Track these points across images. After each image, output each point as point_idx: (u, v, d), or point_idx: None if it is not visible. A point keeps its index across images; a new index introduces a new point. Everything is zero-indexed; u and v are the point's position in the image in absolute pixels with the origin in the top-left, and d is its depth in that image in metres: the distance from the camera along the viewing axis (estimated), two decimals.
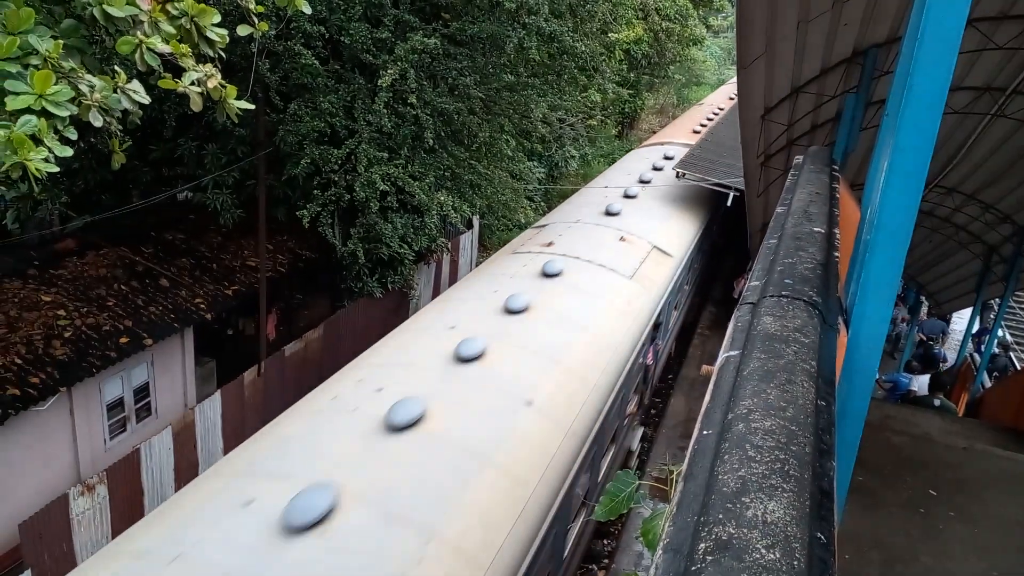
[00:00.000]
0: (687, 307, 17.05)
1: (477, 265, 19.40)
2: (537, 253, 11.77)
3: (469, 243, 20.84)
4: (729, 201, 16.01)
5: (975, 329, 17.55)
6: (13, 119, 4.06)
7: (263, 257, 12.91)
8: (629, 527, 11.51)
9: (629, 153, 23.34)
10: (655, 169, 17.88)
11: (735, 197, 15.78)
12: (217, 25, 5.05)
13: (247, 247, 14.19)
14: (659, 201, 15.75)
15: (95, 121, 4.58)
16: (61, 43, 4.37)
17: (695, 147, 18.82)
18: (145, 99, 4.87)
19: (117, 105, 4.62)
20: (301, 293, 16.25)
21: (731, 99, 26.56)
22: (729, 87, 31.87)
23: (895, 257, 2.90)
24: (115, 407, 11.19)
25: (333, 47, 13.34)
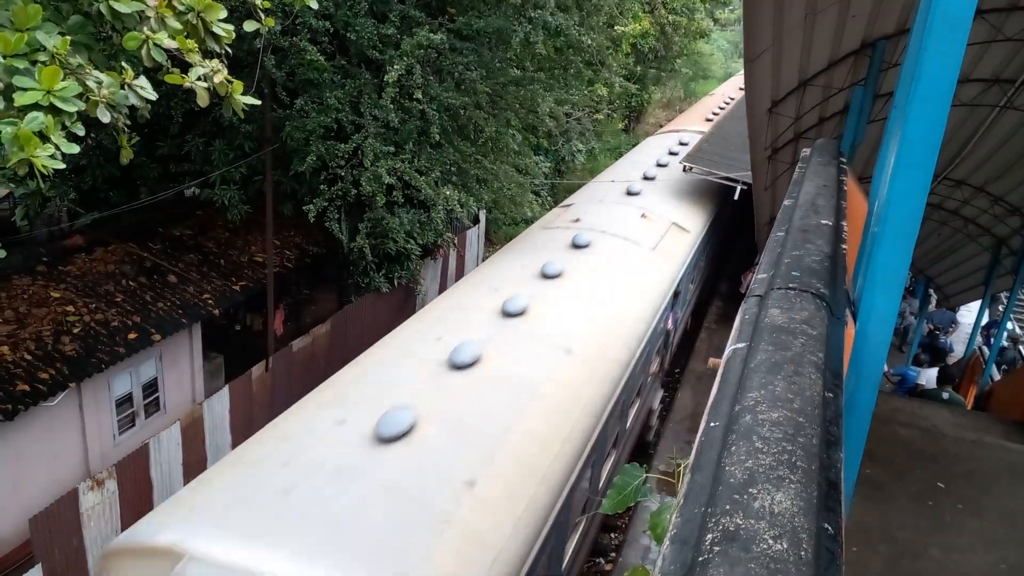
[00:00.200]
0: (701, 283, 17.85)
1: (484, 260, 19.43)
2: (566, 228, 12.78)
3: (475, 238, 20.84)
4: (736, 195, 16.01)
5: (984, 322, 17.46)
6: (21, 115, 4.07)
7: (270, 253, 12.95)
8: (636, 521, 11.52)
9: (646, 139, 24.56)
10: (671, 154, 18.87)
11: (742, 191, 15.75)
12: (223, 21, 5.06)
13: (254, 243, 14.23)
14: (676, 183, 16.56)
15: (103, 117, 4.59)
16: (68, 39, 4.38)
17: (702, 141, 18.94)
18: (152, 95, 4.88)
19: (124, 101, 4.64)
20: (308, 288, 16.30)
21: (741, 89, 26.81)
22: (738, 79, 31.90)
23: (903, 250, 2.89)
24: (124, 402, 11.26)
25: (339, 43, 13.33)
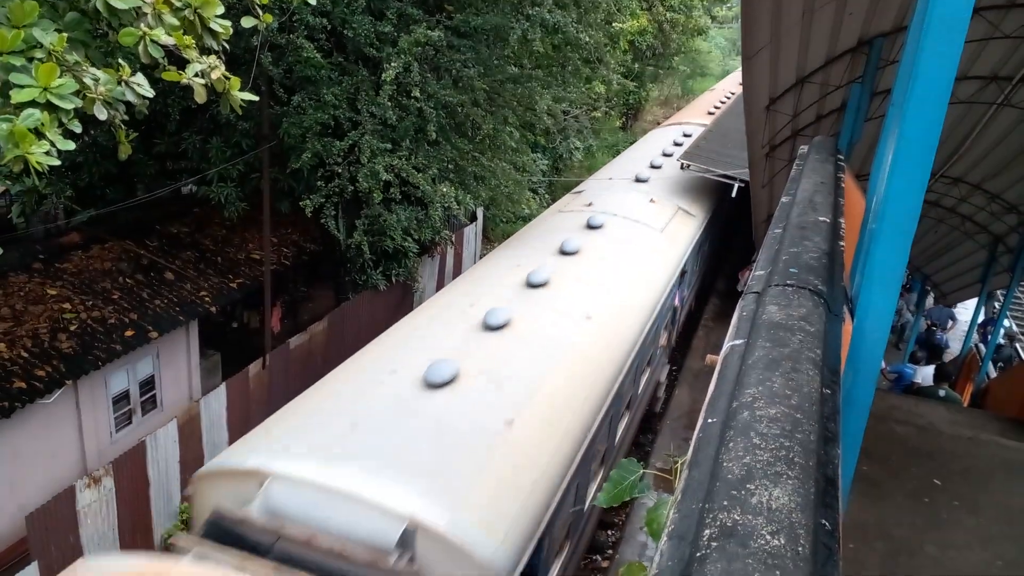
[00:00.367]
0: (704, 267, 18.67)
1: (481, 257, 19.44)
2: (580, 211, 13.68)
3: (473, 235, 20.83)
4: (734, 192, 16.03)
5: (980, 319, 17.50)
6: (17, 112, 4.06)
7: (268, 250, 12.93)
8: (633, 518, 11.53)
9: (651, 131, 25.87)
10: (676, 144, 19.98)
11: (740, 188, 15.77)
12: (221, 17, 5.04)
13: (251, 240, 14.21)
14: (681, 172, 17.16)
15: (100, 114, 4.58)
16: (65, 36, 4.36)
17: (700, 138, 19.01)
18: (149, 92, 4.86)
19: (121, 97, 4.62)
20: (305, 286, 16.28)
21: (741, 84, 27.23)
22: (738, 75, 32.05)
23: (900, 246, 2.89)
24: (121, 400, 11.24)
25: (336, 40, 13.30)
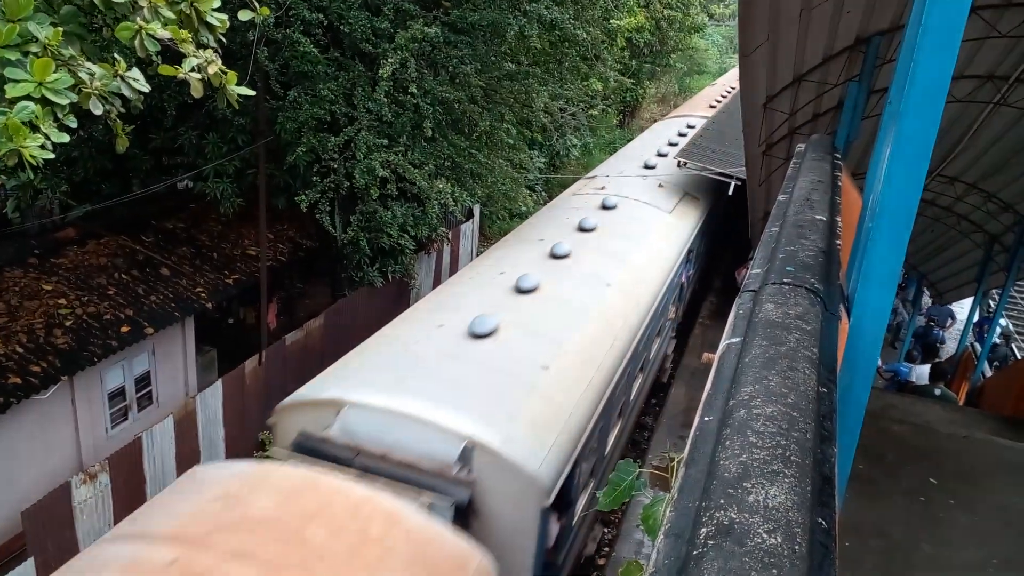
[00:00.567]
0: (708, 251, 19.55)
1: (478, 255, 19.46)
2: (594, 193, 14.82)
3: (470, 232, 20.80)
4: (731, 190, 16.04)
5: (976, 318, 17.54)
6: (12, 107, 4.04)
7: (264, 246, 12.90)
8: (630, 516, 11.55)
9: (656, 123, 27.31)
10: (680, 135, 21.14)
11: (736, 186, 15.78)
12: (217, 10, 5.02)
13: (247, 236, 14.18)
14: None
15: (95, 109, 4.56)
16: (60, 30, 4.34)
17: (696, 136, 19.05)
18: (145, 87, 4.85)
19: (117, 92, 4.61)
20: (302, 282, 16.26)
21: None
22: (736, 73, 32.33)
23: (897, 245, 2.89)
24: (116, 396, 11.21)
25: (333, 35, 13.26)
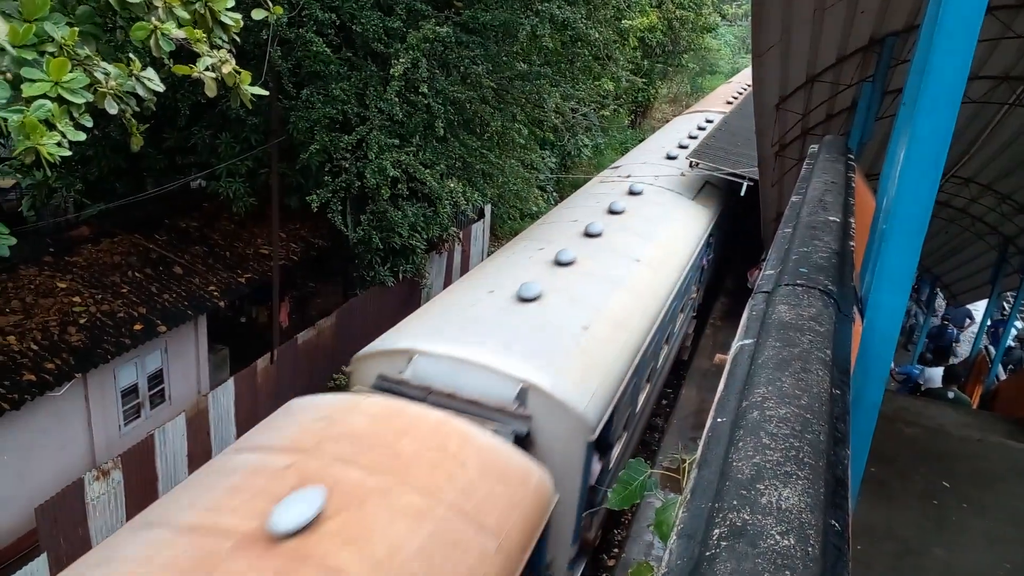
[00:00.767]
0: (727, 237, 20.35)
1: (489, 255, 19.47)
2: (621, 181, 15.99)
3: (481, 232, 20.81)
4: (743, 191, 16.00)
5: (990, 321, 17.41)
6: (29, 106, 4.07)
7: (276, 245, 12.95)
8: (640, 517, 11.52)
9: (676, 118, 28.71)
10: (700, 129, 22.21)
11: (748, 186, 15.73)
12: (231, 10, 5.05)
13: (260, 235, 14.24)
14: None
15: (110, 108, 4.60)
16: (76, 30, 4.38)
17: (708, 136, 19.03)
18: (160, 87, 4.88)
19: (132, 91, 4.64)
20: (313, 282, 16.31)
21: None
22: (749, 72, 32.46)
23: (911, 247, 2.86)
24: (129, 393, 11.28)
25: (345, 35, 13.30)
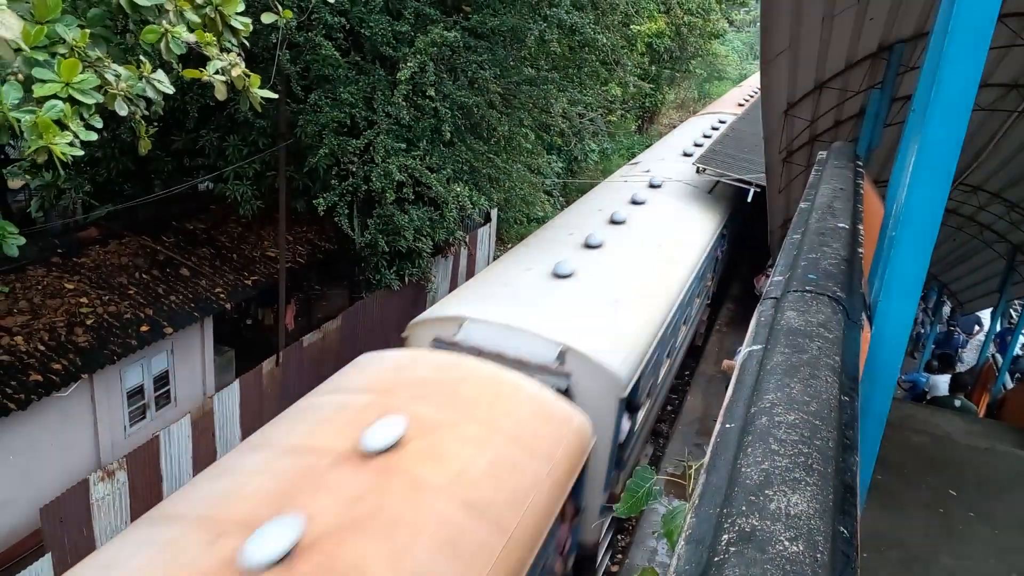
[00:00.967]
0: (740, 231, 21.37)
1: (495, 259, 19.50)
2: (641, 176, 17.40)
3: (487, 236, 20.83)
4: (750, 197, 15.98)
5: (998, 330, 17.32)
6: (40, 106, 4.10)
7: (283, 248, 12.99)
8: (643, 522, 11.50)
9: (691, 119, 30.36)
10: (714, 129, 23.35)
11: (755, 193, 15.71)
12: (240, 14, 5.07)
13: (267, 238, 14.28)
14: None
15: (120, 110, 4.62)
16: (87, 32, 4.40)
17: (715, 142, 19.03)
18: (169, 89, 4.90)
19: (142, 93, 4.66)
20: (320, 284, 16.33)
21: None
22: (756, 78, 32.51)
23: (921, 254, 2.86)
24: (135, 394, 11.31)
25: (354, 39, 13.35)
